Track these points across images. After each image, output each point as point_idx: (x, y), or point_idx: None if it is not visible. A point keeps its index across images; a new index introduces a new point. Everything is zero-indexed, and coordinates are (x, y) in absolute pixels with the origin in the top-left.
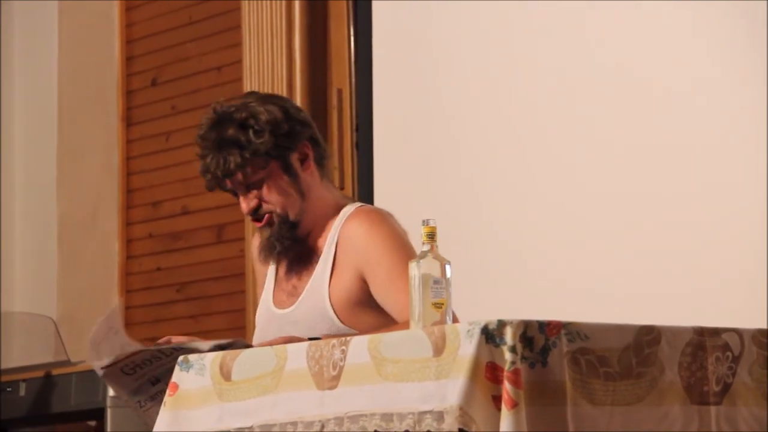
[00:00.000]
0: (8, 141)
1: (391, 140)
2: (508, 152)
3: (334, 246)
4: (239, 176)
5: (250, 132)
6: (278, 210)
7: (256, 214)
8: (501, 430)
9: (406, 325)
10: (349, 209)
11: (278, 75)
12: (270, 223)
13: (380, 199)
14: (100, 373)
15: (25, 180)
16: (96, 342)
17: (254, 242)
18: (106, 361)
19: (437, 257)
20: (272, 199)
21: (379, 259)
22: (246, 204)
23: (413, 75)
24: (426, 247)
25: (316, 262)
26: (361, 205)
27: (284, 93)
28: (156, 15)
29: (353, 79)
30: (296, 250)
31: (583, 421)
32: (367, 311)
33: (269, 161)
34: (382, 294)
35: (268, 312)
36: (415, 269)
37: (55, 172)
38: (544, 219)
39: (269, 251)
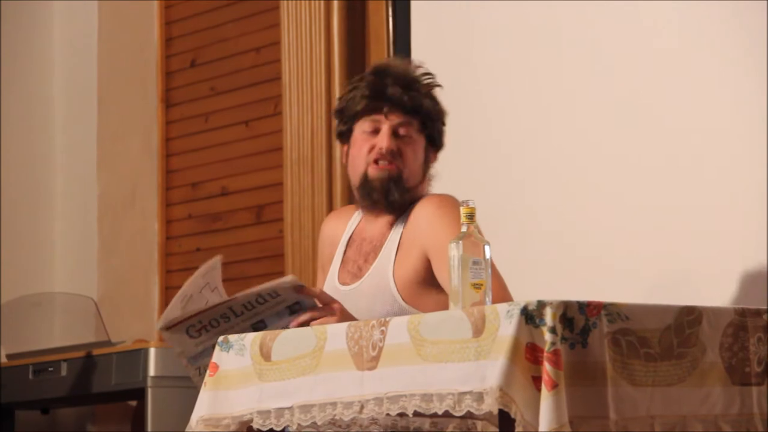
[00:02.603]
0: (48, 123)
1: None
2: (548, 131)
3: (402, 227)
4: (400, 116)
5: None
6: (405, 170)
7: (391, 155)
8: (541, 410)
9: None
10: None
11: (316, 56)
12: (391, 173)
13: None
14: (164, 333)
15: (66, 161)
16: (186, 295)
17: (325, 225)
18: (170, 320)
19: (476, 238)
20: (409, 158)
21: (444, 240)
22: (388, 142)
23: (452, 56)
24: (465, 228)
25: (384, 244)
26: (433, 194)
27: (322, 74)
28: None
29: None
30: (372, 229)
31: (623, 402)
32: (431, 292)
33: (423, 133)
34: (443, 275)
35: (332, 289)
36: (454, 250)
37: (95, 153)
38: (584, 200)
39: (368, 196)
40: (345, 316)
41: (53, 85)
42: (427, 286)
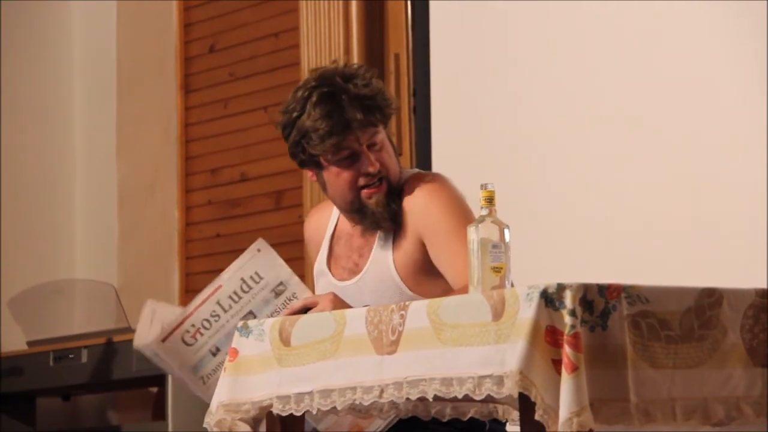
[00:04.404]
0: (68, 109)
1: (449, 105)
2: (566, 116)
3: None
4: (368, 132)
5: (380, 98)
6: (390, 177)
7: (378, 174)
8: (561, 393)
9: (464, 291)
10: (405, 177)
11: (335, 40)
12: (382, 192)
13: (438, 164)
14: (155, 349)
15: (86, 148)
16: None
17: (306, 228)
18: (163, 332)
19: (496, 221)
20: (389, 164)
21: (437, 225)
22: (374, 166)
23: (470, 39)
24: (484, 212)
25: (375, 235)
26: (417, 172)
27: (341, 59)
28: None
29: (410, 44)
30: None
31: (644, 385)
32: (434, 279)
33: (383, 125)
34: (439, 259)
35: (329, 285)
36: (473, 233)
37: (114, 140)
38: (603, 182)
39: (375, 226)
40: (339, 303)
41: (72, 71)
42: (429, 274)
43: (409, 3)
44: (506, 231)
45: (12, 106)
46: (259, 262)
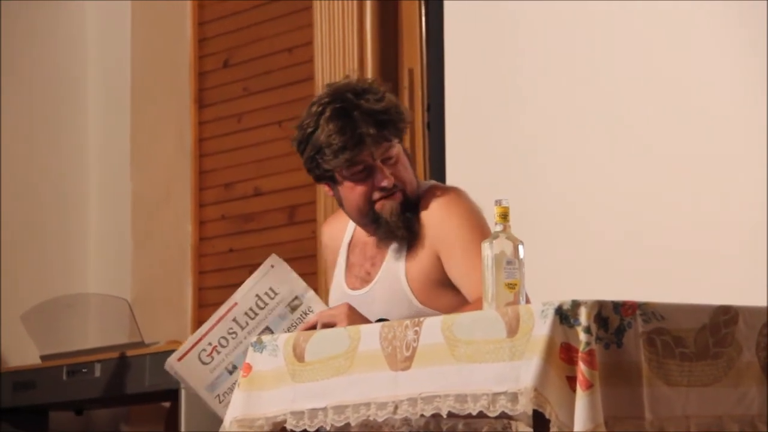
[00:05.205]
0: (82, 123)
1: (463, 120)
2: (581, 131)
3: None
4: (382, 147)
5: (393, 112)
6: (406, 189)
7: (393, 189)
8: (576, 411)
9: (479, 303)
10: (422, 189)
11: (349, 55)
12: (397, 202)
13: (452, 179)
14: (175, 366)
15: (99, 162)
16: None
17: (323, 235)
18: (180, 351)
19: (510, 237)
20: (404, 177)
21: (454, 238)
22: (388, 180)
23: (485, 54)
24: (499, 228)
25: (389, 246)
26: (434, 184)
27: (355, 74)
28: None
29: (424, 59)
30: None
31: (658, 402)
32: (446, 291)
33: (399, 138)
34: (455, 272)
35: (342, 294)
36: (488, 250)
37: (128, 154)
38: (618, 198)
39: (390, 235)
40: (354, 315)
41: (87, 86)
42: (441, 286)
43: (423, 18)
44: (520, 247)
45: (26, 117)
46: (274, 278)
